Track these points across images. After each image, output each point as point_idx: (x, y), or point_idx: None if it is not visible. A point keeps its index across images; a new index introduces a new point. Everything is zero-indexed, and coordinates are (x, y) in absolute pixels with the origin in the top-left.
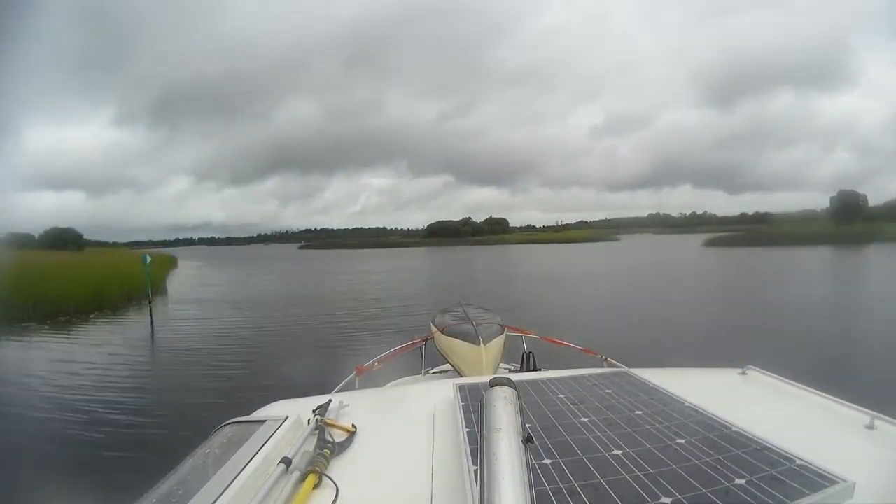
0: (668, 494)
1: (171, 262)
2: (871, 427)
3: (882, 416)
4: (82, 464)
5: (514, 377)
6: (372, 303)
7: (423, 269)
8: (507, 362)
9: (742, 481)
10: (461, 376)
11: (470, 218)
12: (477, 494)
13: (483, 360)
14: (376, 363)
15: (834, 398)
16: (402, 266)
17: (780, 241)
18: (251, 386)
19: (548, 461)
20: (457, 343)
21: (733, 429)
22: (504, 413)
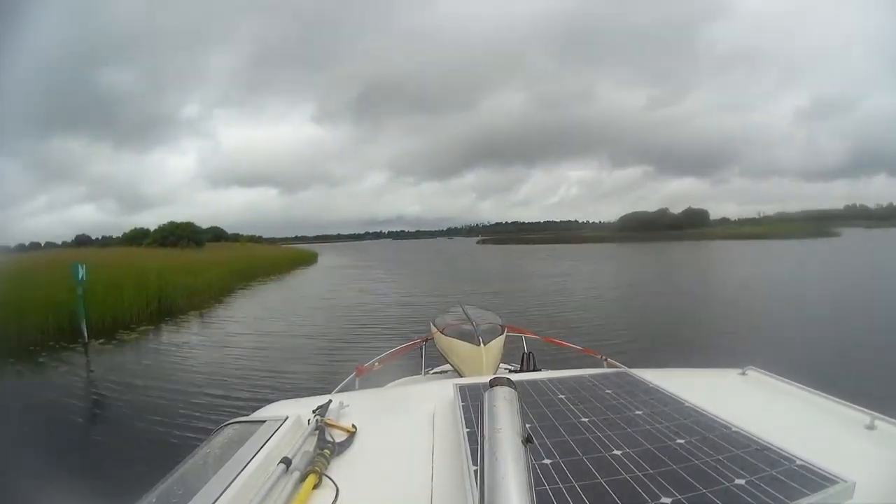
0: (668, 494)
1: (306, 259)
2: (871, 427)
3: (882, 416)
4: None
5: (514, 377)
6: None
7: (595, 273)
8: (507, 362)
9: (742, 481)
10: (461, 376)
11: (667, 209)
12: (477, 494)
13: (483, 360)
14: (376, 363)
15: (834, 398)
16: (562, 270)
17: None
18: None
19: (548, 461)
20: (457, 343)
21: (733, 429)
22: (504, 413)
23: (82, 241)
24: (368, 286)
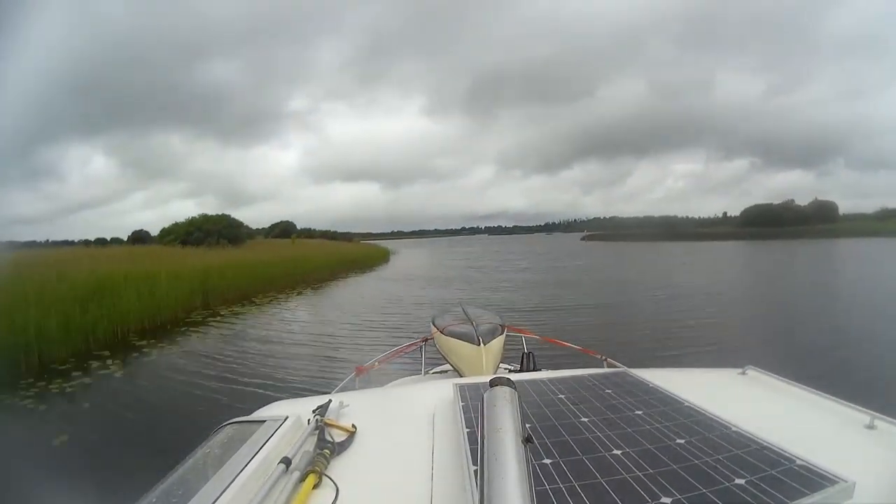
0: (668, 494)
1: (372, 260)
2: (871, 427)
3: (882, 416)
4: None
5: (514, 377)
6: None
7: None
8: (507, 362)
9: (742, 481)
10: (461, 376)
11: (793, 201)
12: (477, 494)
13: (483, 360)
14: (376, 363)
15: (834, 398)
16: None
17: None
18: None
19: (548, 461)
20: (457, 343)
21: (733, 429)
22: (504, 413)
23: (139, 238)
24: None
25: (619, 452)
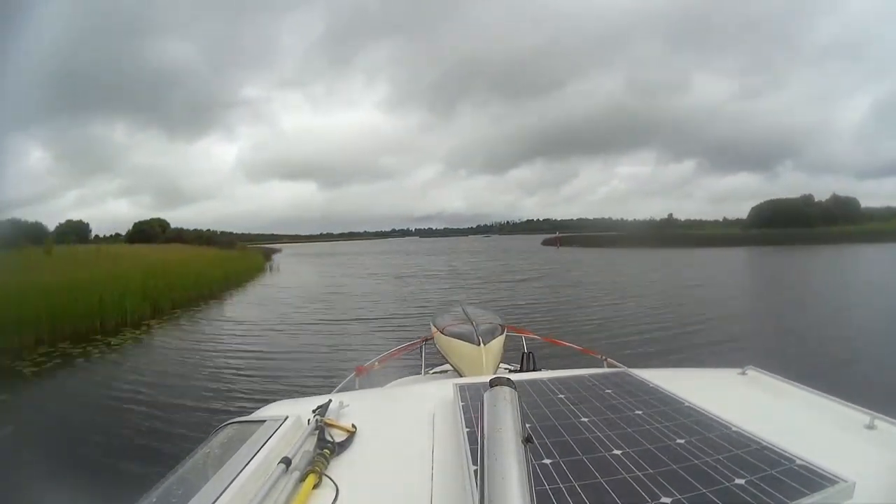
0: (668, 494)
1: (255, 267)
2: (871, 427)
3: (882, 416)
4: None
5: (514, 377)
6: None
7: None
8: (507, 362)
9: (742, 481)
10: (461, 376)
11: (811, 196)
12: (477, 494)
13: (483, 360)
14: (376, 363)
15: (834, 398)
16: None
17: None
18: None
19: (548, 461)
20: (457, 343)
21: (733, 429)
22: (504, 413)
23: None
24: None
25: (619, 452)
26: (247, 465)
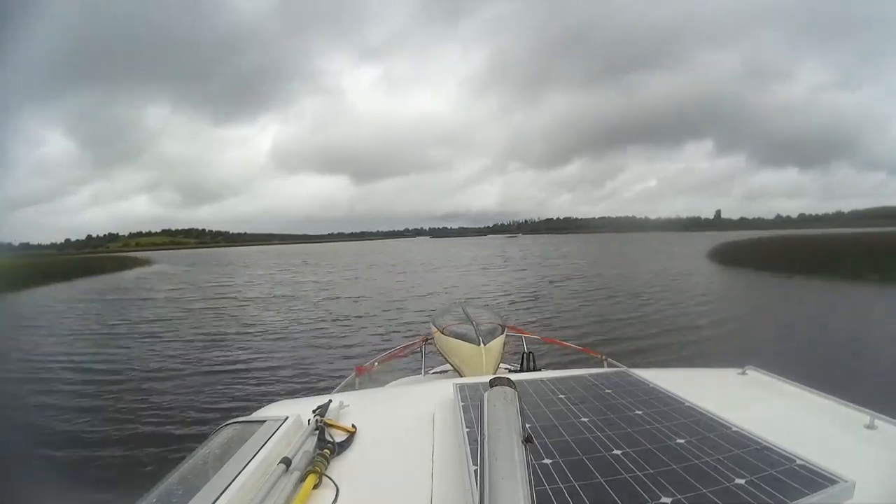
0: (668, 494)
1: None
2: (871, 427)
3: (882, 416)
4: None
5: (514, 377)
6: None
7: None
8: (507, 362)
9: (742, 481)
10: (461, 376)
11: None
12: (477, 494)
13: (483, 360)
14: (376, 363)
15: (834, 398)
16: None
17: None
18: None
19: (548, 461)
20: (457, 343)
21: (733, 429)
22: (504, 413)
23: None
24: None
25: (619, 452)
26: (247, 465)
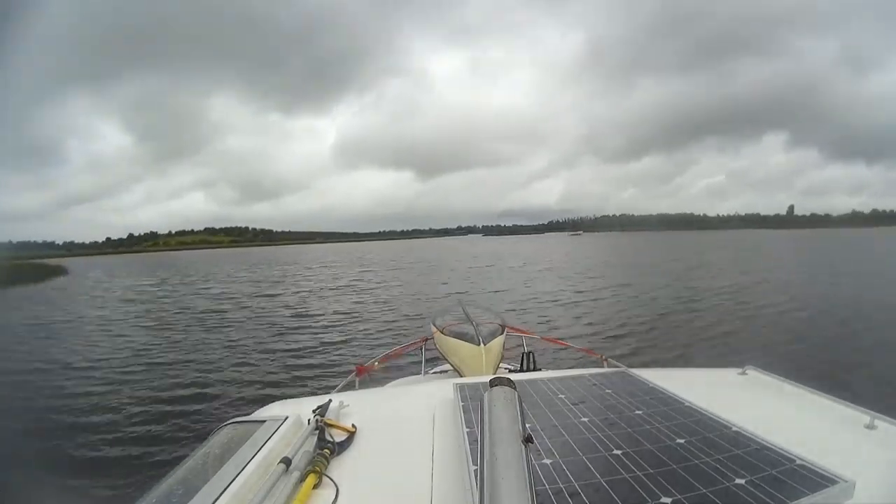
0: (668, 494)
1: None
2: (871, 427)
3: (882, 416)
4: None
5: (514, 377)
6: None
7: None
8: (507, 362)
9: (742, 481)
10: (461, 376)
11: None
12: (477, 494)
13: (483, 360)
14: (376, 363)
15: (834, 398)
16: None
17: None
18: None
19: (548, 461)
20: (457, 343)
21: (733, 429)
22: (504, 413)
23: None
24: None
25: (619, 452)
26: (247, 465)
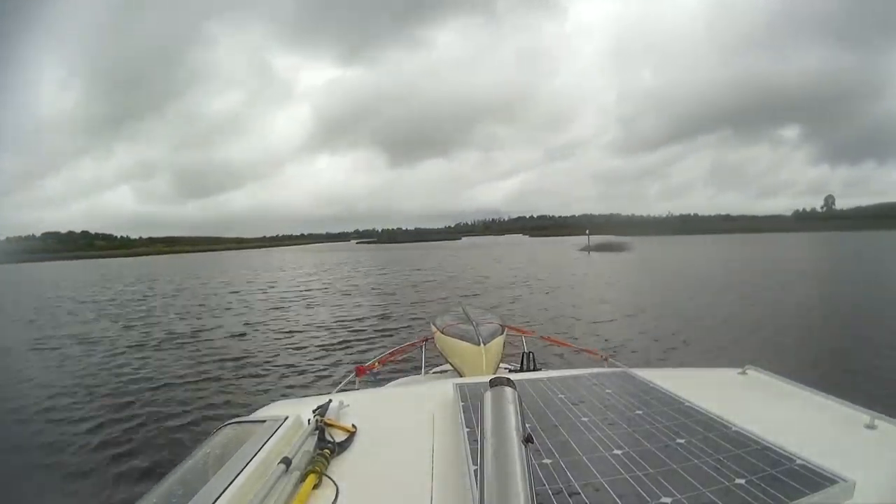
0: (668, 494)
1: None
2: (871, 427)
3: (882, 415)
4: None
5: (514, 377)
6: None
7: None
8: (507, 362)
9: (742, 481)
10: (461, 376)
11: None
12: (477, 494)
13: (483, 360)
14: (376, 363)
15: (834, 398)
16: None
17: None
18: None
19: (548, 461)
20: (457, 343)
21: (733, 429)
22: (504, 413)
23: None
24: None
25: (619, 452)
26: (247, 465)
